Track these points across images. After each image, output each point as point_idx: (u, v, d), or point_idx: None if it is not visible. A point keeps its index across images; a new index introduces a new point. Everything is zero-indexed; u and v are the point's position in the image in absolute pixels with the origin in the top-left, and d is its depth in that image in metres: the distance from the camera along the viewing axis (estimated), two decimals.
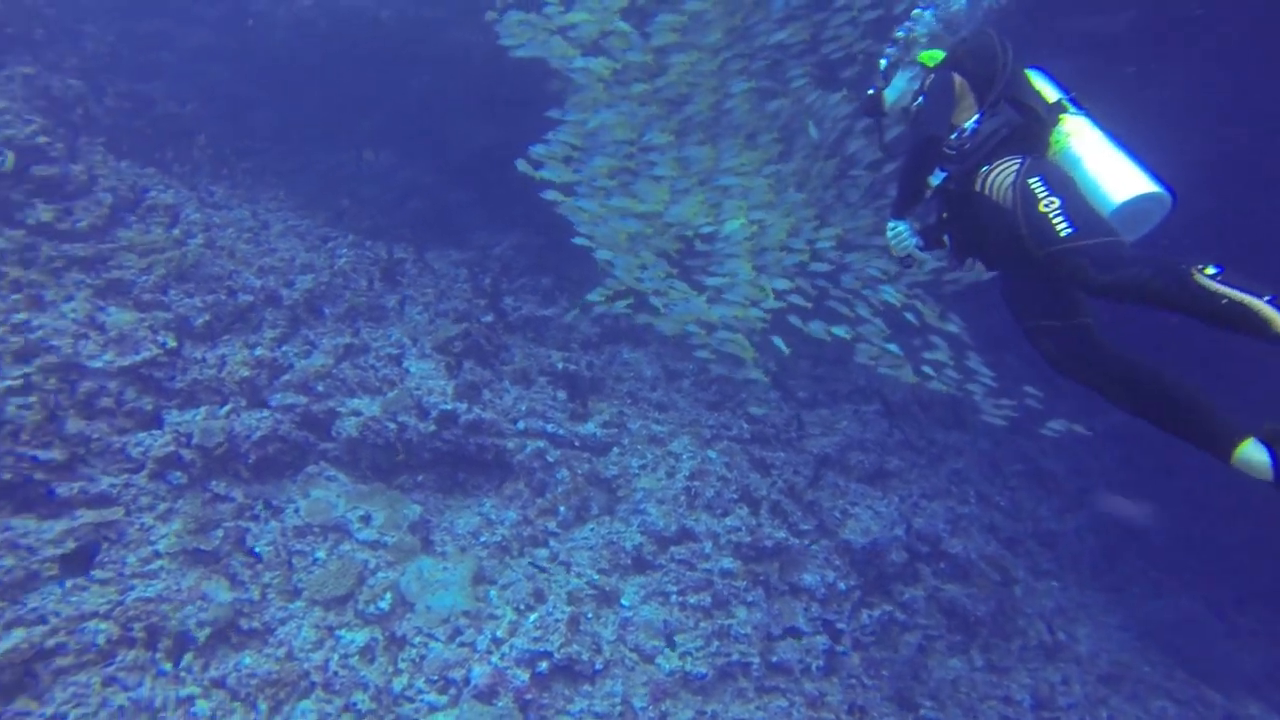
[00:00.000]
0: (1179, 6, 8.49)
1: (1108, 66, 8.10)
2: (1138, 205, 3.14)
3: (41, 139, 6.93)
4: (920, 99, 3.73)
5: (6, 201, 6.37)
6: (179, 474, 5.47)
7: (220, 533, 5.36)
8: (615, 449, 7.14)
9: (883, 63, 4.14)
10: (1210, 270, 2.72)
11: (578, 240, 7.00)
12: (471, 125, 10.47)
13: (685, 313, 7.02)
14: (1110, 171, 3.21)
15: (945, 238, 3.75)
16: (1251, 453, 2.81)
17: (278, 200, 9.51)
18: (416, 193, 10.15)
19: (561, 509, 6.56)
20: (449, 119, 10.65)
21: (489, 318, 7.61)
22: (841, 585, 6.98)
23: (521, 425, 6.73)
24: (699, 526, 6.71)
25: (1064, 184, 3.18)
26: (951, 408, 10.53)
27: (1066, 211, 3.04)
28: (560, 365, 7.41)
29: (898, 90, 4.04)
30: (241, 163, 9.90)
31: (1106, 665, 8.02)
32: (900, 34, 4.19)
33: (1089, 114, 3.46)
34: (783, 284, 7.00)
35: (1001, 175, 3.30)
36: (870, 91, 4.17)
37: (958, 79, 3.66)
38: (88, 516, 4.84)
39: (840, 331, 7.24)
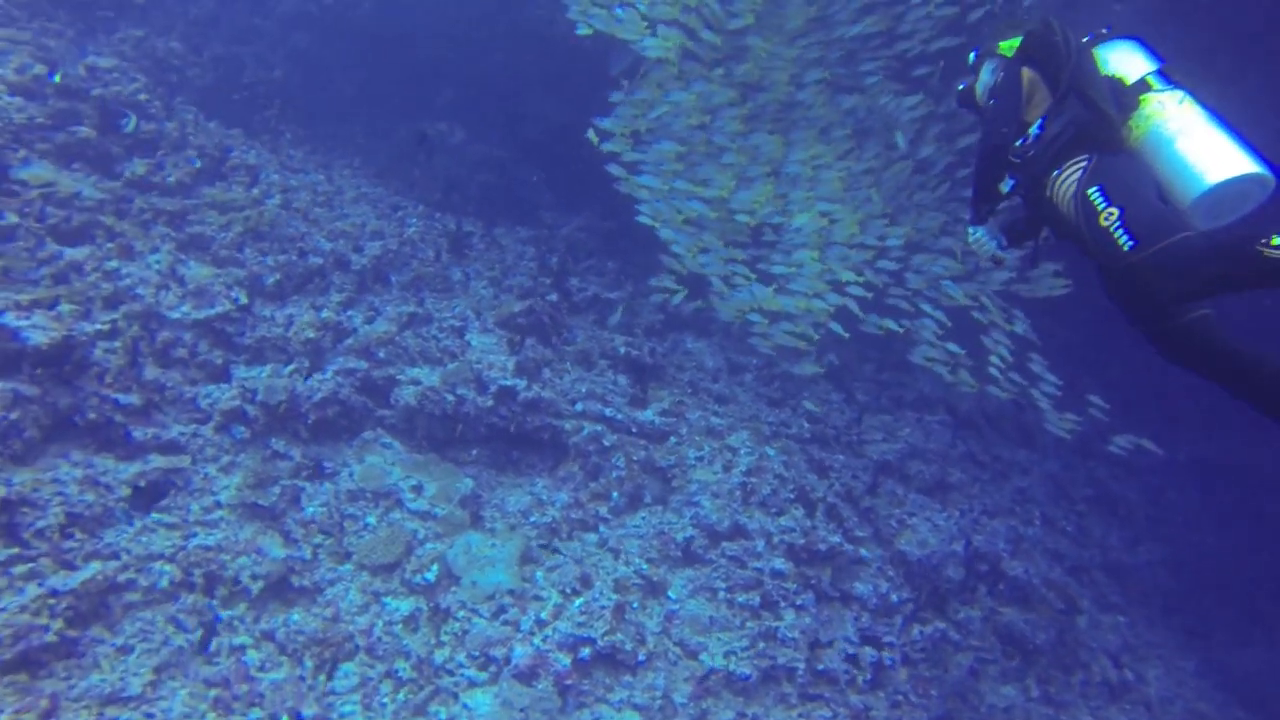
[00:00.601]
0: None
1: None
2: (1234, 187, 2.85)
3: (143, 96, 7.14)
4: (992, 100, 3.50)
5: (108, 154, 6.58)
6: (242, 429, 5.57)
7: (277, 490, 5.43)
8: (672, 438, 7.01)
9: (971, 56, 3.90)
10: (1277, 240, 2.57)
11: (641, 219, 6.92)
12: (546, 102, 10.44)
13: (746, 300, 6.86)
14: (1203, 150, 2.91)
15: (1040, 232, 3.56)
16: None
17: (352, 167, 9.64)
18: (487, 167, 10.17)
19: (614, 495, 6.47)
20: (524, 95, 10.64)
21: (553, 297, 7.56)
22: (894, 597, 6.74)
23: (580, 407, 6.66)
24: (752, 524, 6.54)
25: (1127, 188, 2.98)
26: (1018, 423, 10.11)
27: (1126, 222, 2.88)
28: (622, 350, 7.32)
29: (983, 84, 3.80)
30: (320, 128, 10.08)
31: (1181, 713, 7.57)
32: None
33: (1183, 87, 3.14)
34: (849, 276, 6.81)
35: (1066, 183, 3.14)
36: (961, 87, 3.95)
37: (1027, 73, 3.45)
38: (159, 462, 4.97)
39: (893, 324, 7.04)
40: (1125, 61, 3.31)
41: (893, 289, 7.42)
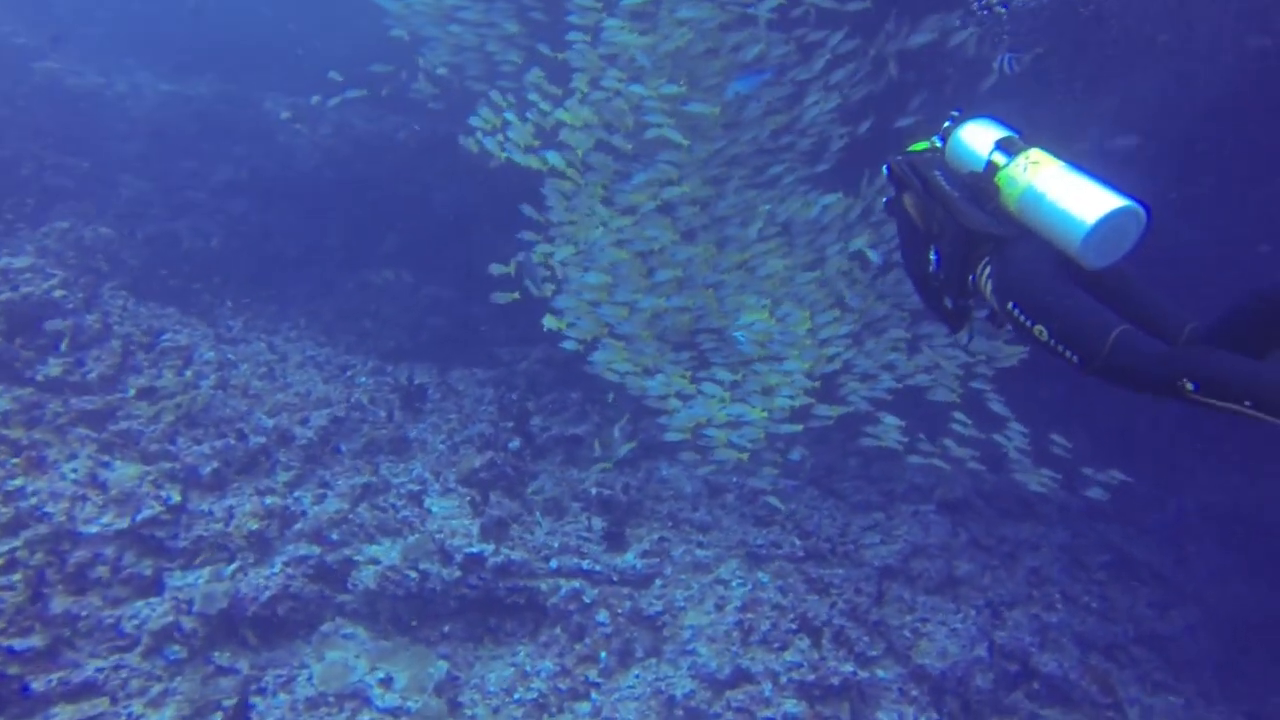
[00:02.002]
0: None
1: None
2: (1111, 223, 2.91)
3: (59, 293, 6.83)
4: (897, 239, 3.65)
5: (16, 360, 6.19)
6: (177, 648, 4.98)
7: (219, 717, 4.79)
8: (658, 581, 6.49)
9: (884, 170, 3.84)
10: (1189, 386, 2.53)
11: (566, 345, 6.82)
12: (492, 236, 10.35)
13: (691, 416, 6.58)
14: (1071, 196, 2.98)
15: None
16: None
17: (298, 329, 9.35)
18: (439, 310, 9.95)
19: (603, 655, 5.89)
20: (470, 232, 10.56)
21: (516, 442, 7.15)
22: None
23: (554, 564, 6.15)
24: (756, 666, 5.97)
25: (1036, 294, 2.96)
26: (1018, 497, 9.69)
27: (1059, 339, 2.85)
28: (594, 490, 6.87)
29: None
30: (262, 293, 9.85)
31: None
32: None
33: (1036, 144, 3.21)
34: (802, 366, 6.65)
35: (988, 288, 3.17)
36: (885, 200, 3.88)
37: (908, 199, 3.54)
38: (66, 714, 4.33)
39: (841, 409, 6.87)
40: (978, 143, 3.35)
41: (844, 376, 7.32)
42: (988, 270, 3.15)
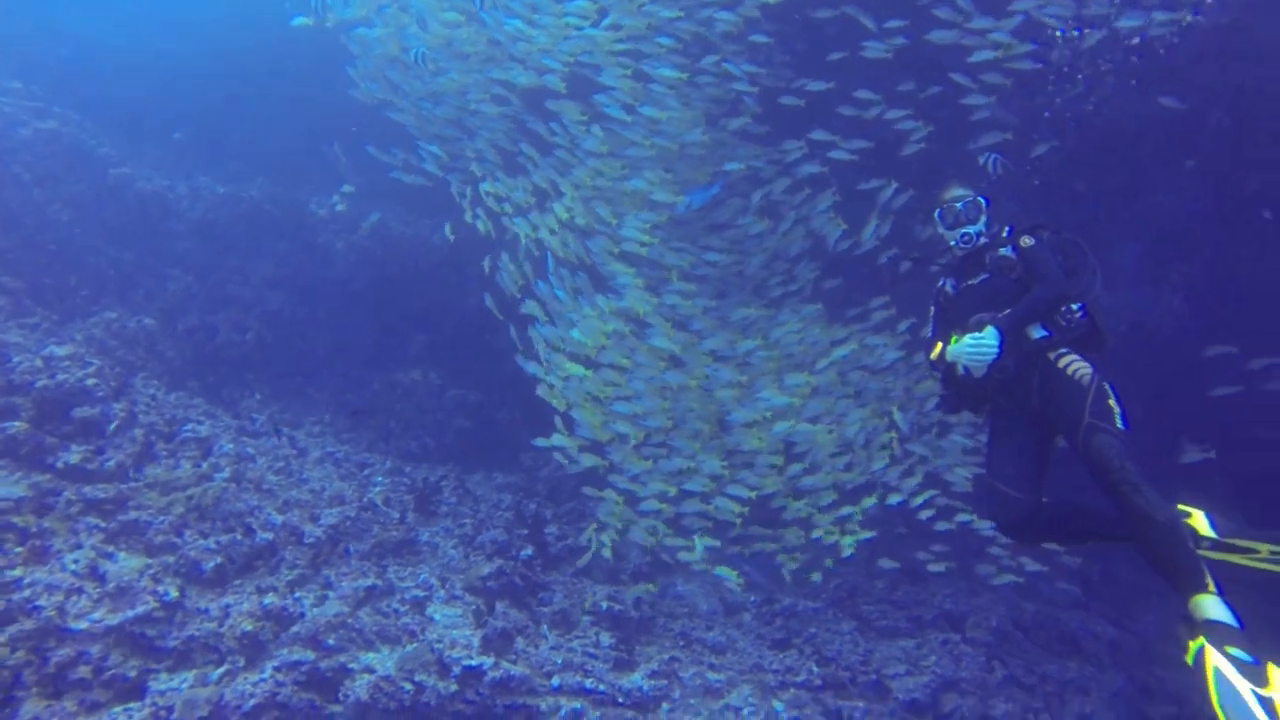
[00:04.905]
0: None
1: None
2: None
3: (91, 381, 6.96)
4: (1033, 244, 4.04)
5: (41, 446, 6.25)
6: None
7: None
8: (665, 705, 6.08)
9: (982, 202, 4.40)
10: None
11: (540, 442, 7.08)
12: (521, 341, 10.46)
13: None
14: None
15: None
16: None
17: (322, 424, 9.41)
18: (464, 412, 9.96)
19: None
20: (499, 334, 10.71)
21: (529, 551, 6.95)
22: None
23: (557, 682, 5.82)
24: None
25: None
26: (1060, 632, 9.05)
27: (1124, 418, 3.57)
28: (605, 605, 6.58)
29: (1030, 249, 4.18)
30: (291, 386, 10.00)
31: None
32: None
33: None
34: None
35: (1082, 365, 3.74)
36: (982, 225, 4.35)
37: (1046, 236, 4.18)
38: None
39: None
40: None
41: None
42: (1091, 361, 3.81)
